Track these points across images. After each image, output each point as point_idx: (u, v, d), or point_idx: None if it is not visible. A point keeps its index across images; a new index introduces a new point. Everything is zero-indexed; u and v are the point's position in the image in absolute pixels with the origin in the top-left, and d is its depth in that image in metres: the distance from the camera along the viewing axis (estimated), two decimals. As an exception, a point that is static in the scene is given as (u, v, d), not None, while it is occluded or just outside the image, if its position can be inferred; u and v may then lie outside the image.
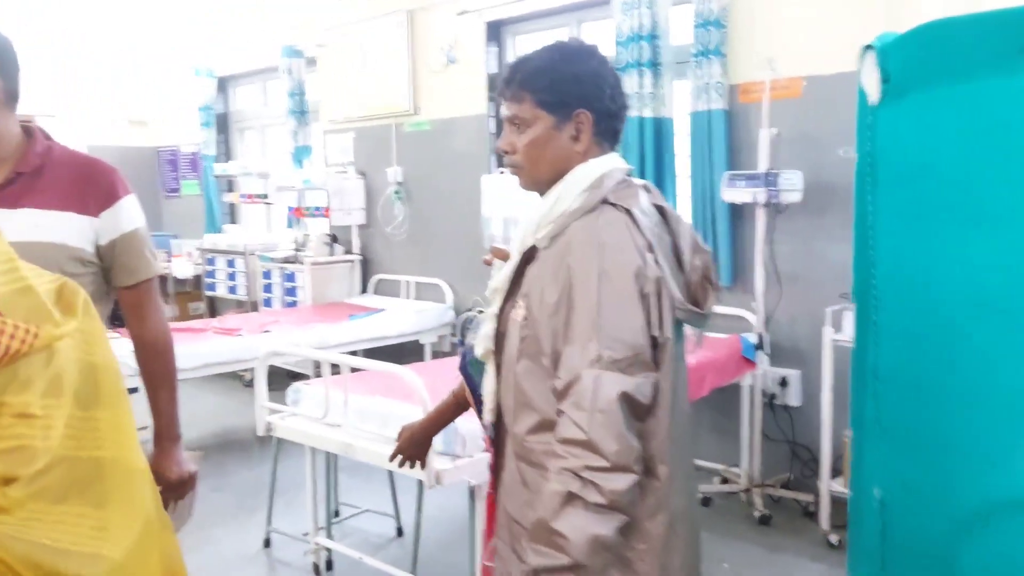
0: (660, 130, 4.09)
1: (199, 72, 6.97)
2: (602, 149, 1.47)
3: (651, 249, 1.35)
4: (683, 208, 4.15)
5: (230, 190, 7.10)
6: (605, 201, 1.39)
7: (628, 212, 1.37)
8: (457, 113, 5.16)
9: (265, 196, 6.25)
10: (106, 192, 1.68)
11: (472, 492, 2.58)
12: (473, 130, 5.08)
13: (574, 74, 1.43)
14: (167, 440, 1.79)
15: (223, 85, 7.26)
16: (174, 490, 1.76)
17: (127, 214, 1.71)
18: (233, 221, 7.32)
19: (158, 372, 1.79)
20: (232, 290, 6.41)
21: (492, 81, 5.01)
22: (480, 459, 2.52)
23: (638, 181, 1.48)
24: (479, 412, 1.70)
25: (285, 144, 6.38)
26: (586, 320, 1.30)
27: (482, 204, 4.60)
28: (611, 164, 1.45)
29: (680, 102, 4.10)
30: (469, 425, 2.51)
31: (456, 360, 1.80)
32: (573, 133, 1.44)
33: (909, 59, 1.79)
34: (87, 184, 1.67)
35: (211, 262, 6.58)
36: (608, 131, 1.46)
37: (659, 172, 4.12)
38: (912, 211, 1.78)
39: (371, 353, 5.80)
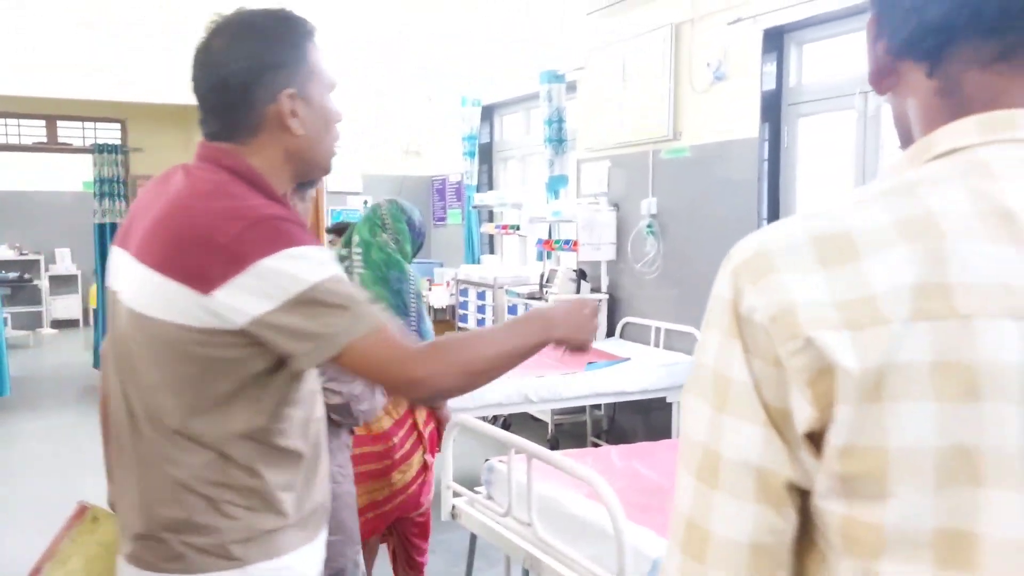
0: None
1: (465, 101, 6.94)
2: None
3: None
4: None
5: (490, 220, 6.99)
6: None
7: None
8: (722, 137, 4.45)
9: (517, 227, 6.01)
10: None
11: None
12: (740, 156, 4.34)
13: None
14: None
15: (488, 114, 7.18)
16: None
17: None
18: (492, 251, 7.20)
19: None
20: (481, 323, 6.22)
21: (767, 99, 4.24)
22: None
23: None
24: None
25: (542, 174, 6.09)
26: None
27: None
28: None
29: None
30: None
31: None
32: None
33: None
34: None
35: (464, 293, 6.46)
36: None
37: None
38: None
39: (612, 408, 5.24)
